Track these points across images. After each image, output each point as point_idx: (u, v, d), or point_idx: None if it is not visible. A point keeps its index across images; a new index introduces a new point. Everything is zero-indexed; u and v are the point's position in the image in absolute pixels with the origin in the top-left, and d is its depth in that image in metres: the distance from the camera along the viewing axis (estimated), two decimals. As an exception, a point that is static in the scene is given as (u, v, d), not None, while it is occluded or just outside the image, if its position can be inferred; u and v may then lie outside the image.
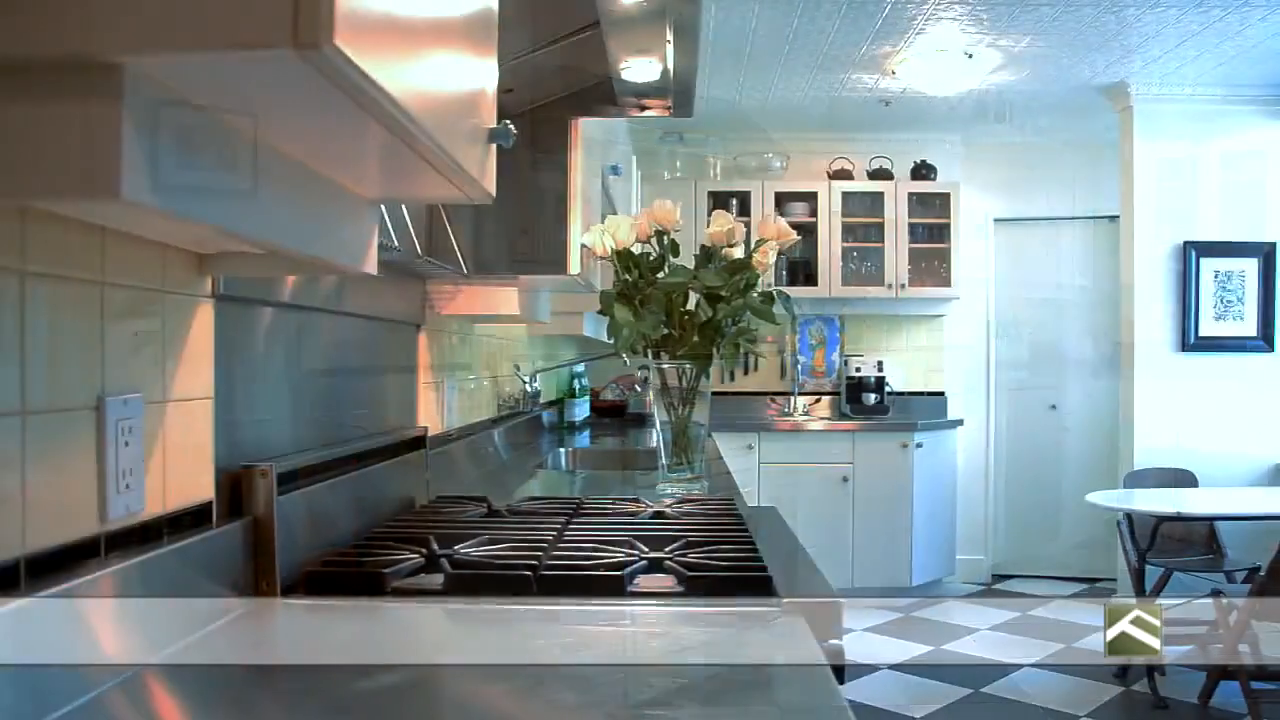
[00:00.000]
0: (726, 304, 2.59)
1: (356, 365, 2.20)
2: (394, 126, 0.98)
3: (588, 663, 1.24)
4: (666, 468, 2.76)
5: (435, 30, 1.08)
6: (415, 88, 0.99)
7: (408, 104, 0.95)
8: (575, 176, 2.59)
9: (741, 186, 6.67)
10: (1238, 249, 5.79)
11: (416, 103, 0.99)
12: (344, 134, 1.05)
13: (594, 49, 2.17)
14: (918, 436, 6.31)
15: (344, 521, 1.92)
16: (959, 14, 4.55)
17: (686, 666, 1.23)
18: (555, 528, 1.95)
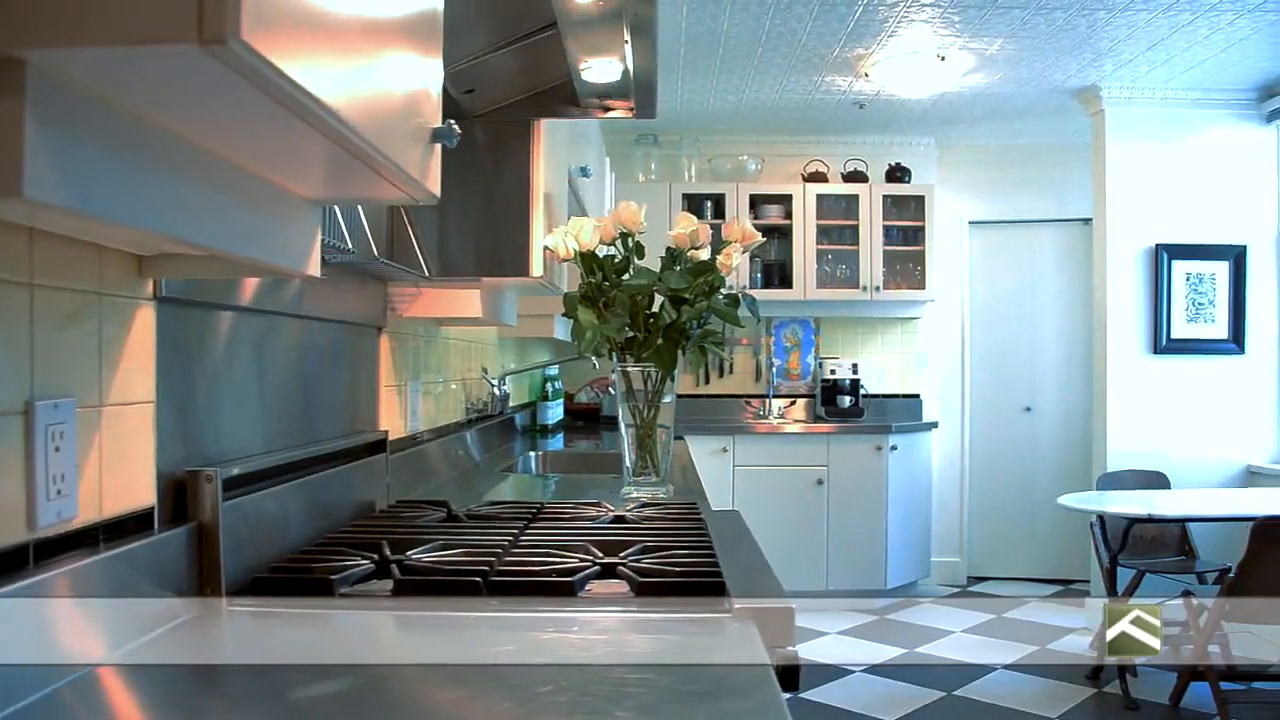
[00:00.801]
0: (691, 306, 2.57)
1: (314, 368, 2.17)
2: (323, 127, 0.97)
3: (523, 663, 1.23)
4: (631, 471, 2.75)
5: (367, 29, 1.06)
6: (344, 87, 0.97)
7: (335, 104, 0.93)
8: (537, 178, 2.57)
9: (716, 189, 6.66)
10: (1209, 251, 5.81)
11: (346, 103, 0.97)
12: (273, 134, 1.03)
13: (554, 50, 2.15)
14: (892, 439, 6.31)
15: (298, 526, 1.89)
16: (930, 16, 4.55)
17: (624, 671, 1.21)
18: (512, 533, 1.93)
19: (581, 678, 1.21)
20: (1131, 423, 5.81)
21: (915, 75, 5.34)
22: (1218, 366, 5.85)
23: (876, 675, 5.07)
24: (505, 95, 2.47)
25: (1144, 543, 5.19)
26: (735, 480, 6.19)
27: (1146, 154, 5.81)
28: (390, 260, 2.37)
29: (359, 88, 1.03)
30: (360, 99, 1.03)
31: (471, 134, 2.58)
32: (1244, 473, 5.81)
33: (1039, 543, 6.98)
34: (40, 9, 0.72)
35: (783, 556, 6.05)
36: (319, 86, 0.89)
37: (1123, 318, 5.84)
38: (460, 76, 2.26)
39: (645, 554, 1.74)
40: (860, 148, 6.88)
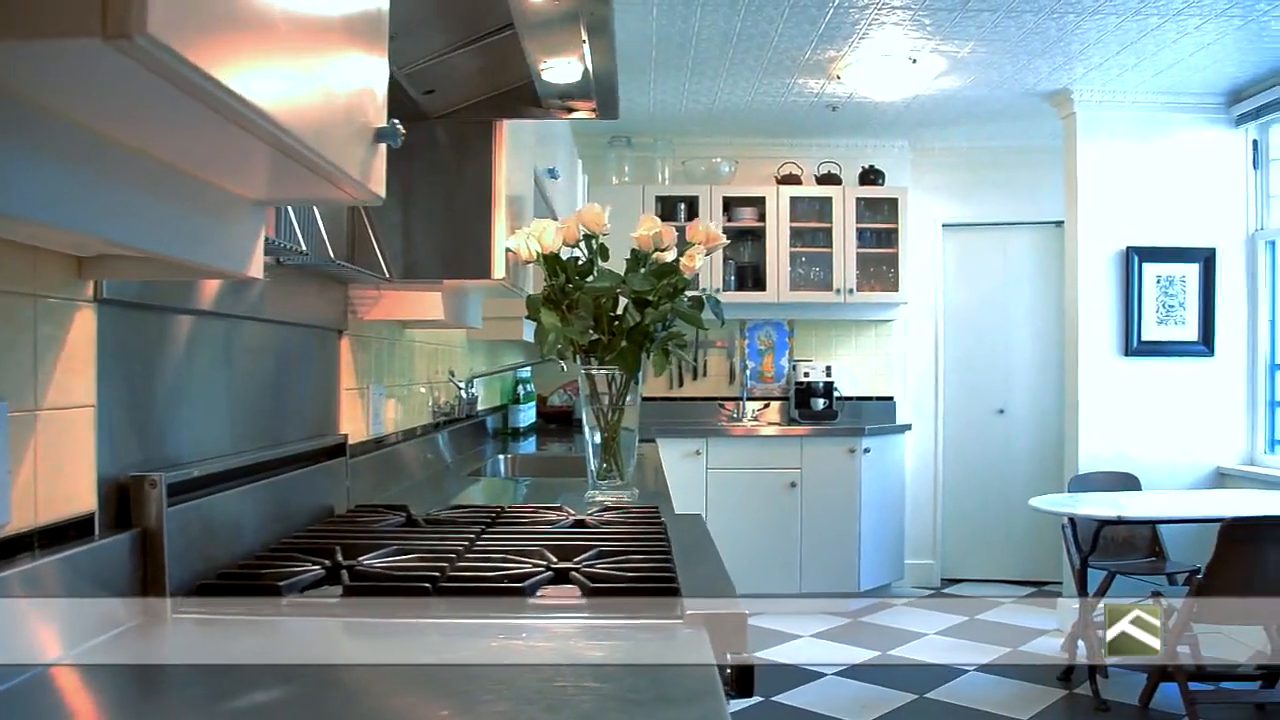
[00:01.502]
0: (655, 309, 2.56)
1: (270, 372, 2.15)
2: (253, 129, 0.95)
3: (467, 671, 1.21)
4: (596, 475, 2.73)
5: (302, 28, 1.04)
6: (275, 88, 0.95)
7: (265, 105, 0.91)
8: (500, 179, 2.55)
9: (690, 191, 6.65)
10: (1179, 254, 5.84)
11: (278, 104, 0.95)
12: (202, 135, 1.01)
13: (514, 50, 2.13)
14: (865, 441, 6.31)
15: (252, 531, 1.87)
16: (901, 19, 4.55)
17: (568, 678, 1.19)
18: (469, 538, 1.91)
19: (525, 685, 1.19)
20: (1103, 424, 5.83)
21: (887, 78, 5.34)
22: (1188, 368, 5.87)
23: (848, 678, 5.06)
24: (466, 96, 2.45)
25: (1115, 544, 5.21)
26: (708, 483, 6.18)
27: (1118, 157, 5.83)
28: (349, 262, 2.35)
29: (292, 88, 1.01)
30: (293, 99, 1.01)
31: (433, 135, 2.56)
32: (1214, 474, 5.83)
33: (1012, 545, 6.99)
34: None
35: (756, 559, 6.11)
36: (246, 87, 0.87)
37: (1094, 320, 5.86)
38: (419, 77, 2.24)
39: (601, 559, 1.72)
40: (834, 150, 6.89)
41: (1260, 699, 4.58)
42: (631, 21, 4.58)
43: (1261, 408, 5.82)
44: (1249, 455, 5.84)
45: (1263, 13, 4.43)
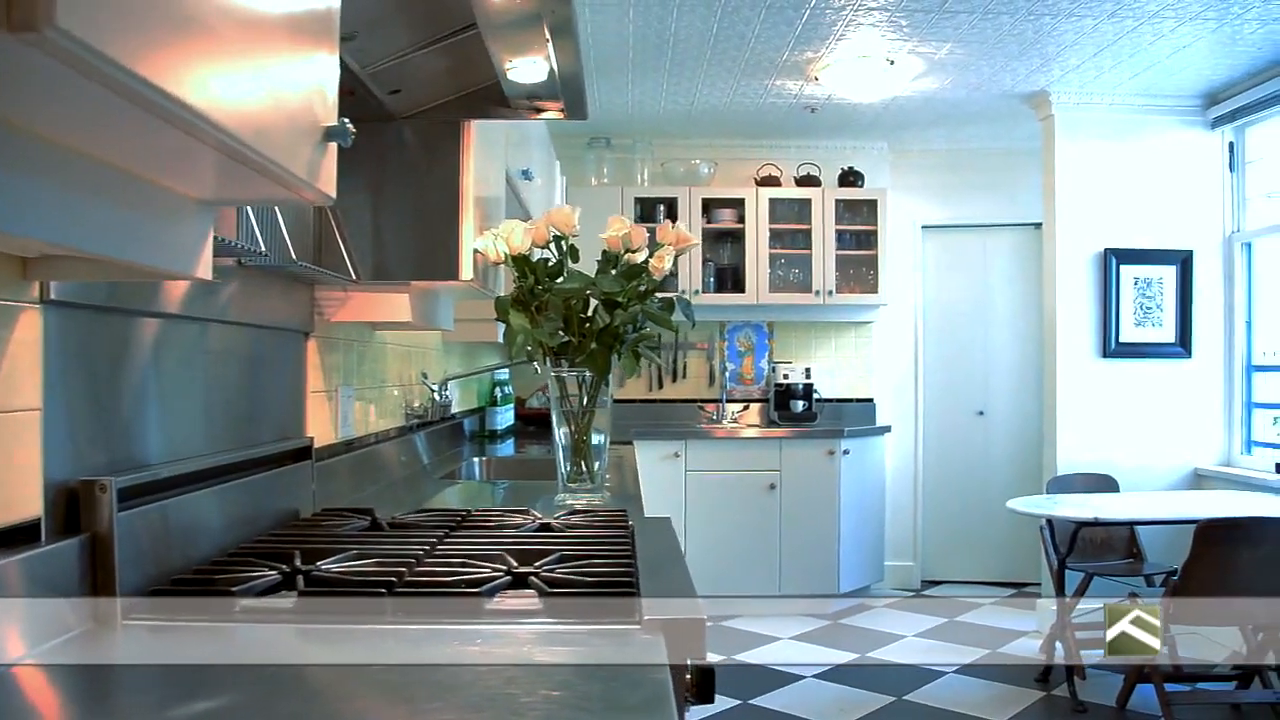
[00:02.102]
0: (624, 310, 2.54)
1: (232, 374, 2.12)
2: (185, 126, 0.92)
3: (416, 679, 1.19)
4: (566, 478, 2.71)
5: (236, 22, 1.02)
6: (207, 84, 0.93)
7: (195, 101, 0.89)
8: (468, 180, 2.53)
9: (669, 192, 6.63)
10: (1156, 256, 5.85)
11: (210, 100, 0.93)
12: (137, 134, 0.99)
13: (480, 50, 2.11)
14: (844, 443, 6.30)
15: (212, 535, 1.85)
16: (877, 20, 4.55)
17: (520, 686, 1.17)
18: (431, 542, 1.89)
19: (475, 692, 1.17)
20: (1081, 426, 5.84)
21: (865, 79, 5.34)
22: (1165, 370, 5.89)
23: (827, 680, 5.05)
24: (433, 96, 2.43)
25: (1093, 545, 5.21)
26: (687, 485, 6.17)
27: (1096, 159, 5.84)
28: (313, 264, 2.32)
29: (228, 85, 0.99)
30: (230, 97, 0.99)
31: (401, 135, 2.54)
32: (1192, 475, 5.85)
33: (992, 546, 6.99)
34: None
35: (735, 562, 6.10)
36: (177, 84, 0.85)
37: (1072, 321, 5.87)
38: (384, 76, 2.22)
39: (562, 563, 1.70)
40: (813, 152, 6.89)
41: (1235, 699, 4.59)
42: (608, 22, 4.57)
43: (1238, 409, 5.84)
44: (1226, 456, 5.85)
45: (1236, 16, 4.44)
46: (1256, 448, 5.74)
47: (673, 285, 6.50)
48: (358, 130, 2.54)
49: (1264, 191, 5.71)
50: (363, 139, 2.55)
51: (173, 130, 0.93)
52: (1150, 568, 5.08)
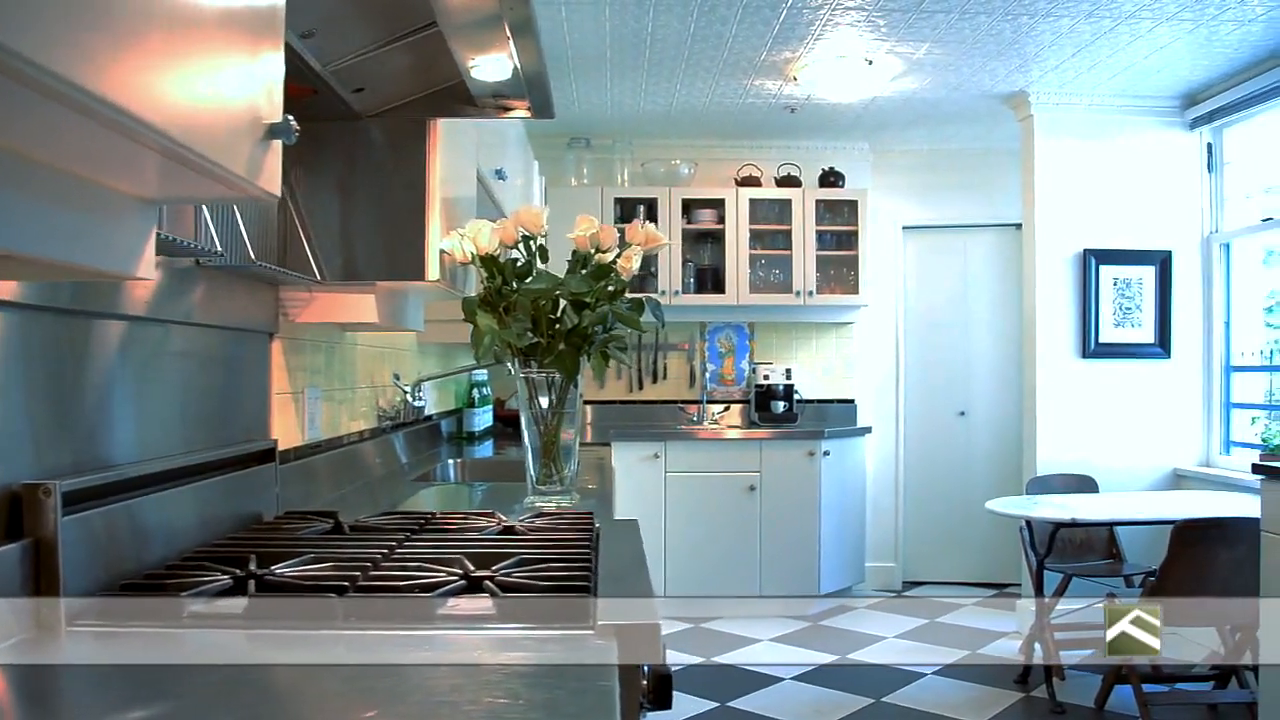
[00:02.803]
0: (592, 310, 2.52)
1: (192, 375, 2.09)
2: (108, 123, 0.90)
3: (357, 688, 1.16)
4: (535, 480, 2.69)
5: (164, 16, 0.99)
6: (131, 80, 0.90)
7: (116, 98, 0.87)
8: (434, 179, 2.51)
9: (649, 193, 6.61)
10: (1135, 257, 5.85)
11: (134, 96, 0.90)
12: (64, 130, 0.96)
13: (444, 48, 2.09)
14: (825, 444, 6.28)
15: (168, 539, 1.82)
16: (855, 20, 4.54)
17: (465, 695, 1.15)
18: (390, 545, 1.86)
19: (416, 700, 1.15)
20: (1061, 427, 5.84)
21: (844, 79, 5.32)
22: (1145, 370, 5.89)
23: (805, 682, 5.04)
24: (399, 94, 2.41)
25: (1073, 546, 5.21)
26: (667, 487, 6.14)
27: (1075, 159, 5.84)
28: (277, 264, 2.30)
29: (155, 81, 0.96)
30: (164, 97, 0.96)
31: (366, 134, 2.52)
32: (1171, 476, 5.85)
33: (974, 547, 6.98)
34: None
35: (715, 563, 6.09)
36: (106, 86, 0.83)
37: (1052, 322, 5.87)
38: (347, 74, 2.19)
39: (520, 567, 1.68)
40: (794, 152, 6.88)
41: (1213, 699, 4.59)
42: (585, 21, 4.54)
43: (1217, 409, 5.84)
44: (1205, 457, 5.86)
45: (1212, 17, 4.44)
46: (1235, 448, 5.74)
47: (652, 285, 6.51)
48: (322, 129, 2.52)
49: (1242, 192, 5.72)
50: (328, 138, 2.54)
51: (104, 130, 0.91)
52: (1130, 568, 5.08)
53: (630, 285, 6.51)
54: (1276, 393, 5.39)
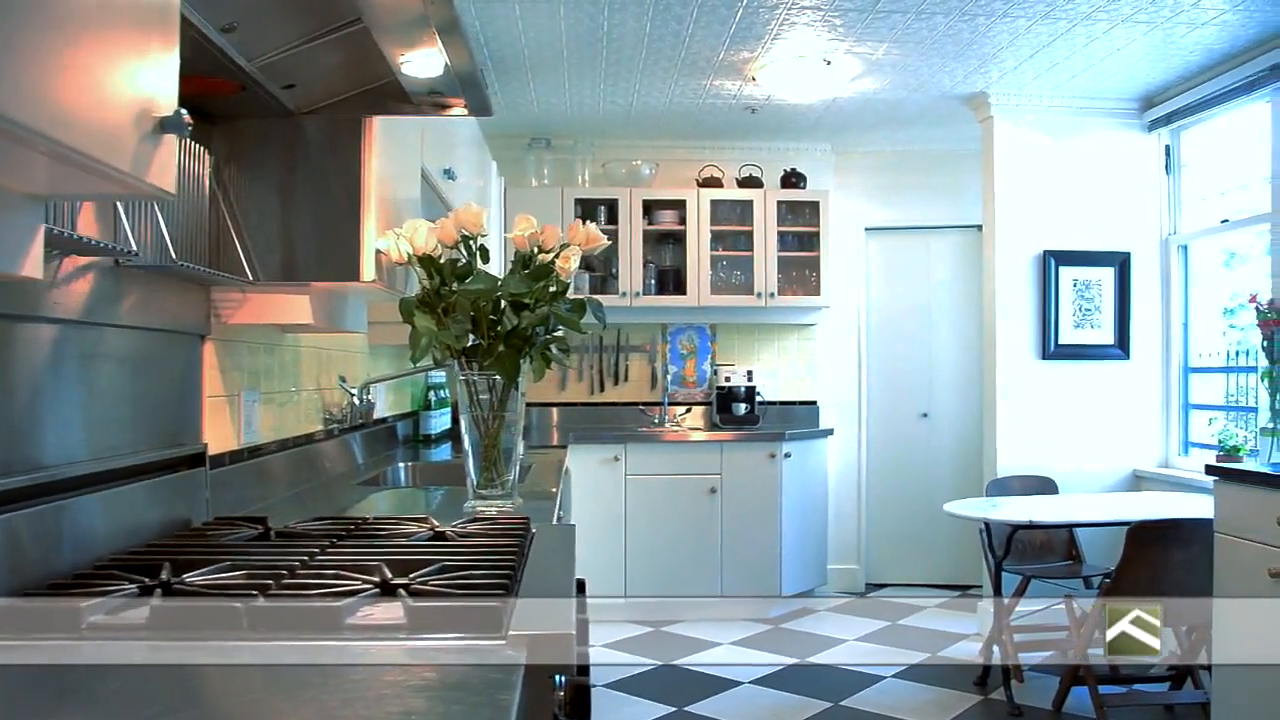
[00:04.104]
0: (532, 312, 2.48)
1: (115, 379, 2.03)
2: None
3: (249, 689, 1.12)
4: (476, 484, 2.64)
5: (32, 9, 0.95)
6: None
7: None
8: (370, 178, 2.46)
9: (610, 194, 6.57)
10: (1095, 258, 5.86)
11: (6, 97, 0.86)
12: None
13: (373, 44, 2.05)
14: (786, 446, 6.26)
15: (82, 548, 1.77)
16: (811, 19, 4.51)
17: (358, 711, 1.11)
18: (312, 552, 1.82)
19: (304, 715, 1.11)
20: (1021, 428, 5.84)
21: (803, 79, 5.30)
22: (1104, 371, 5.90)
23: (764, 686, 5.01)
24: (332, 91, 2.36)
25: (1033, 548, 5.20)
26: (627, 489, 6.10)
27: (1035, 161, 5.85)
28: (201, 263, 2.25)
29: (20, 75, 0.92)
30: (24, 88, 0.92)
31: (299, 132, 2.47)
32: (1131, 477, 5.86)
33: (937, 548, 6.98)
34: None
35: (676, 567, 6.06)
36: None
37: (1012, 323, 5.87)
38: (274, 70, 2.14)
39: (441, 574, 1.63)
40: (757, 153, 6.86)
41: (1169, 700, 4.60)
42: (539, 19, 4.50)
43: (1175, 410, 5.86)
44: (1164, 458, 5.88)
45: (1166, 19, 4.45)
46: (1194, 449, 5.76)
47: (613, 287, 6.47)
48: (256, 126, 2.47)
49: (1200, 194, 5.73)
50: (263, 136, 2.49)
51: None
52: (1089, 569, 5.08)
53: (592, 287, 6.50)
54: (1235, 394, 5.41)
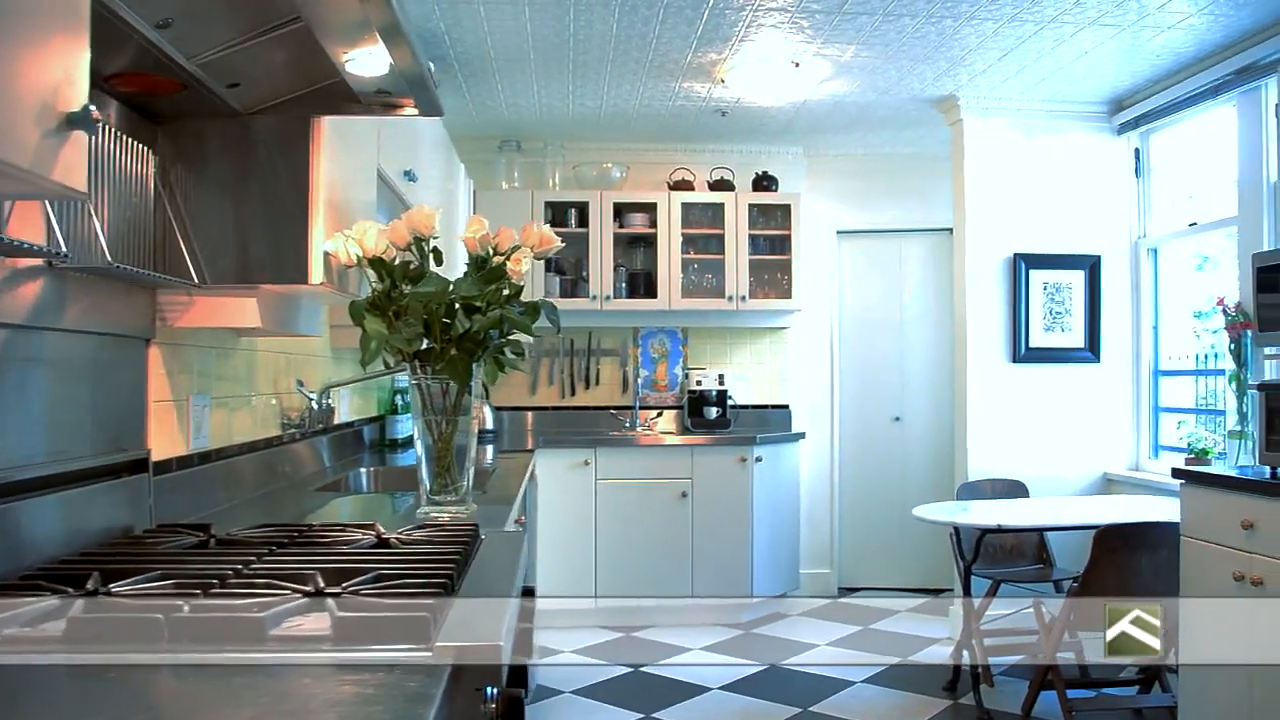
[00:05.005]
0: (483, 315, 2.44)
1: (53, 383, 1.98)
2: None
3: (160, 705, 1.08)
4: (430, 490, 2.61)
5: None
6: None
7: None
8: (318, 179, 2.42)
9: (580, 197, 6.54)
10: (1065, 261, 5.86)
11: None
12: None
13: (317, 43, 2.01)
14: (757, 450, 6.23)
15: (11, 555, 1.72)
16: (778, 21, 4.49)
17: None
18: (248, 560, 1.78)
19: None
20: (992, 431, 5.82)
21: (771, 82, 5.28)
22: (1075, 375, 5.89)
23: (734, 691, 4.97)
24: (279, 91, 2.31)
25: (1003, 552, 5.19)
26: (598, 494, 6.06)
27: (1004, 164, 5.84)
28: (144, 266, 2.20)
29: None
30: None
31: (246, 132, 2.42)
32: (1102, 480, 5.86)
33: (910, 552, 6.96)
34: None
35: (647, 572, 6.02)
36: None
37: (983, 327, 5.86)
38: (216, 68, 2.10)
39: (376, 583, 1.60)
40: (729, 156, 6.84)
41: (1137, 704, 4.59)
42: (505, 21, 4.46)
43: (1145, 413, 5.86)
44: (1135, 461, 5.88)
45: (1133, 23, 4.45)
46: (1164, 452, 5.76)
47: (584, 290, 6.44)
48: (204, 127, 2.42)
49: (1170, 197, 5.74)
50: (211, 136, 2.45)
51: None
52: (1059, 573, 5.06)
53: (563, 290, 6.45)
54: (1206, 397, 5.41)
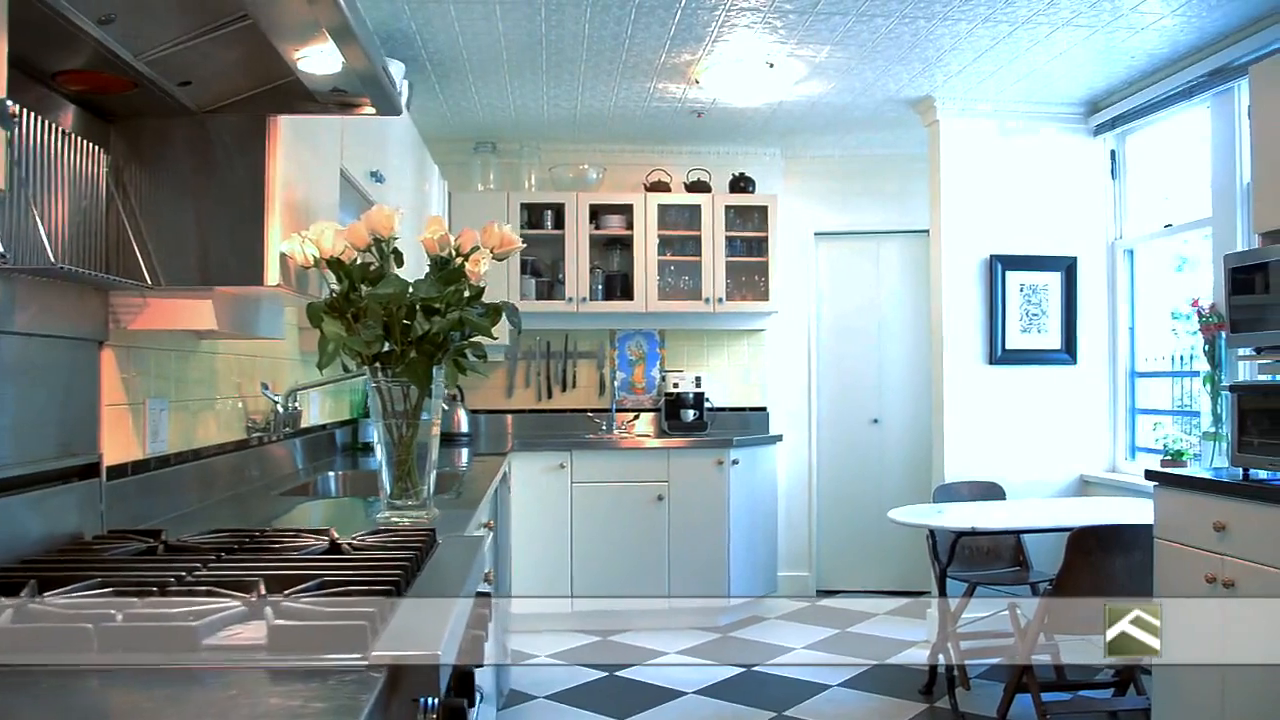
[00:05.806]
0: (443, 317, 2.41)
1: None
2: None
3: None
4: (390, 495, 2.57)
5: None
6: None
7: None
8: (275, 179, 2.38)
9: (556, 199, 6.50)
10: (1041, 263, 5.85)
11: None
12: None
13: (268, 41, 1.97)
14: (734, 453, 6.21)
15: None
16: (751, 21, 4.47)
17: None
18: (193, 567, 1.74)
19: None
20: (969, 433, 5.81)
21: (746, 83, 5.26)
22: (1051, 376, 5.89)
23: (708, 696, 4.94)
24: (233, 89, 2.27)
25: (980, 554, 5.17)
26: (574, 497, 6.03)
27: (981, 165, 5.83)
28: (104, 268, 2.16)
29: None
30: None
31: (200, 131, 2.38)
32: (1078, 482, 5.85)
33: (888, 555, 6.94)
34: None
35: (623, 575, 5.99)
36: None
37: (960, 328, 5.84)
38: (166, 66, 2.06)
39: (320, 590, 1.57)
40: (706, 158, 6.81)
41: (1112, 706, 4.58)
42: (475, 21, 4.43)
43: (1122, 415, 5.86)
44: (1111, 463, 5.87)
45: (1107, 24, 4.44)
46: (1140, 453, 5.76)
47: (560, 292, 6.41)
48: (159, 126, 2.38)
49: (1145, 198, 5.74)
50: (166, 135, 2.40)
51: None
52: (1036, 575, 5.05)
53: (539, 292, 6.41)
54: (1182, 398, 5.41)
